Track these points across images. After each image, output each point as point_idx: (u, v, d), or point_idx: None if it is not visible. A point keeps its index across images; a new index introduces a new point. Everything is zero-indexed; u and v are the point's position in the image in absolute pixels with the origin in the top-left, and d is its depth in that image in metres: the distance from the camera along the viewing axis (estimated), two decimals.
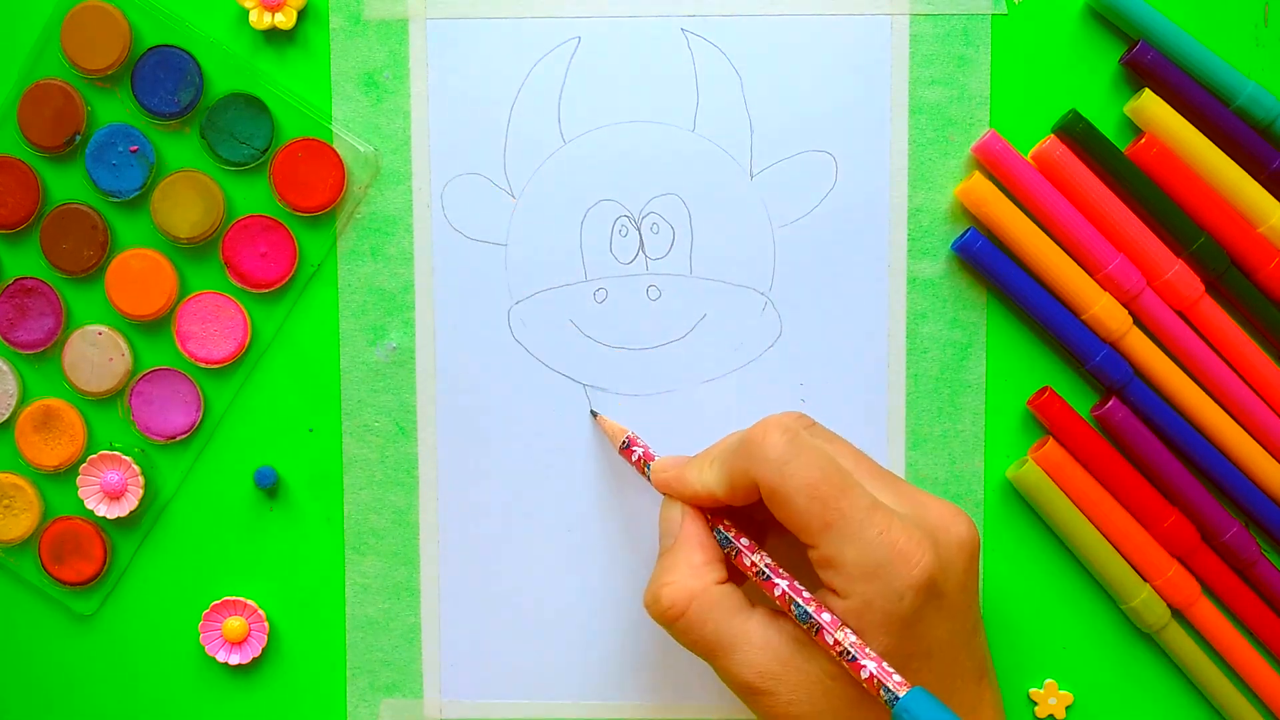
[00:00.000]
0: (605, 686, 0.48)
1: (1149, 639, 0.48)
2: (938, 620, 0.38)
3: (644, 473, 0.44)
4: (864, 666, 0.37)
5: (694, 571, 0.40)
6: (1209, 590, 0.47)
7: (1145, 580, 0.46)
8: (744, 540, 0.41)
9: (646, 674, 0.48)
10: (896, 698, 0.36)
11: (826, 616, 0.38)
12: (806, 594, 0.39)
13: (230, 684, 0.49)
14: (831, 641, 0.37)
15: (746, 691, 0.39)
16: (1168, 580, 0.46)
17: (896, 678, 0.36)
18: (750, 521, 0.43)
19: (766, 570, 0.40)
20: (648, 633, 0.48)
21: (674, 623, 0.40)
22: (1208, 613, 0.47)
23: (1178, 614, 0.47)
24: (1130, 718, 0.48)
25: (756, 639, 0.39)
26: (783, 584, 0.39)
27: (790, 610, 0.39)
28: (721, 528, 0.42)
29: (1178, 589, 0.46)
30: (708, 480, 0.41)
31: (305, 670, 0.48)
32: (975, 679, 0.40)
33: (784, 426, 0.39)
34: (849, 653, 0.37)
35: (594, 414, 0.47)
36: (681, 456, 0.43)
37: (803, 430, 0.40)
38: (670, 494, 0.43)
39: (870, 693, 0.37)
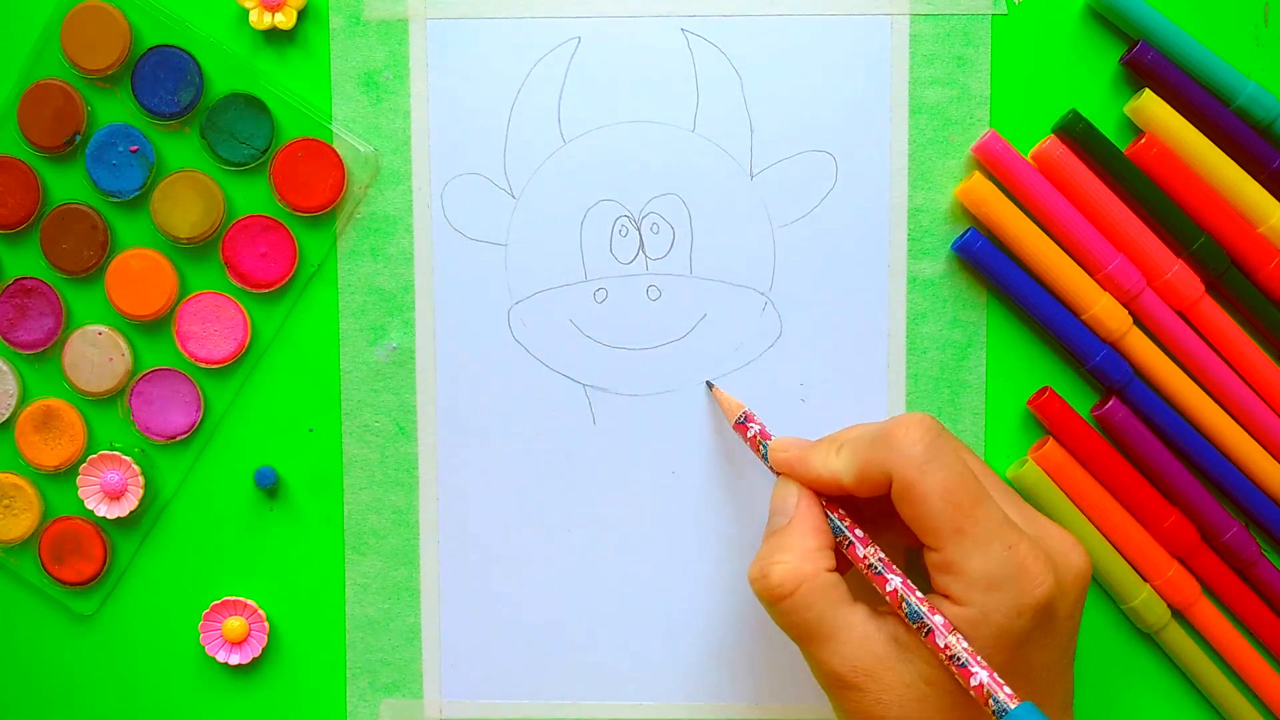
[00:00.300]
0: (605, 687, 0.48)
1: (1149, 639, 0.48)
2: (1045, 644, 0.38)
3: (758, 450, 0.43)
4: (975, 674, 0.36)
5: (806, 555, 0.39)
6: (1209, 590, 0.47)
7: (1145, 580, 0.46)
8: (858, 532, 0.41)
9: (647, 674, 0.48)
10: (1006, 709, 0.36)
11: (939, 619, 0.37)
12: (919, 594, 0.38)
13: (230, 684, 0.49)
14: (942, 644, 0.37)
15: (835, 684, 0.39)
16: (1168, 580, 0.46)
17: (1007, 690, 0.36)
18: (857, 515, 0.43)
19: (879, 565, 0.39)
20: (648, 633, 0.48)
21: (779, 602, 0.39)
22: (1208, 613, 0.47)
23: (1178, 614, 0.47)
24: (1130, 718, 0.48)
25: (856, 633, 0.39)
26: (895, 580, 0.39)
27: (900, 608, 0.38)
28: (836, 516, 0.41)
29: (1178, 589, 0.46)
30: (834, 466, 0.40)
31: (305, 670, 0.48)
32: (1063, 710, 0.40)
33: (925, 425, 0.39)
34: (960, 658, 0.37)
35: (710, 385, 0.46)
36: (802, 439, 0.43)
37: (941, 433, 0.39)
38: (789, 475, 0.42)
39: (976, 700, 0.37)
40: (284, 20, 0.46)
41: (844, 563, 0.41)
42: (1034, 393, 0.47)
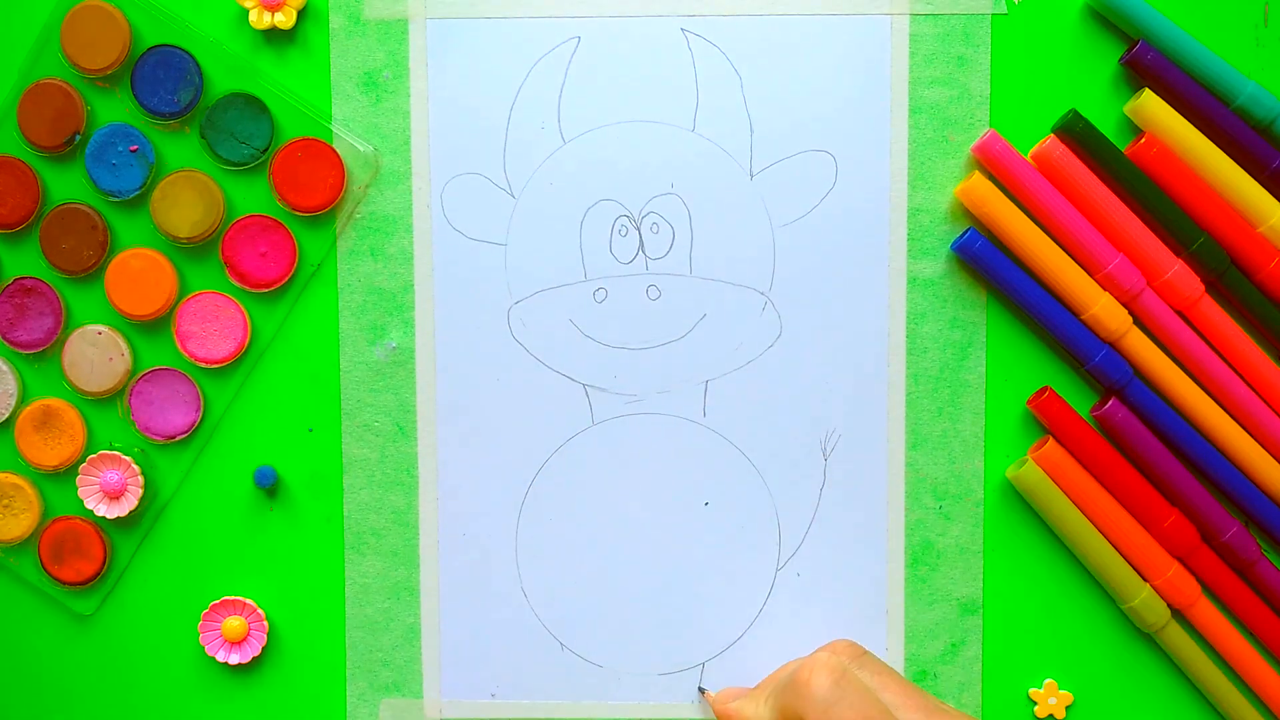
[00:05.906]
0: (604, 687, 0.48)
1: (1149, 639, 0.48)
2: None
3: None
4: None
5: None
6: (1209, 590, 0.47)
7: (1145, 580, 0.46)
8: None
9: (645, 674, 0.48)
10: None
11: None
12: None
13: (230, 684, 0.49)
14: None
15: None
16: (1168, 580, 0.46)
17: None
18: None
19: None
20: (648, 632, 0.48)
21: None
22: (1208, 613, 0.47)
23: (1178, 614, 0.47)
24: (1130, 718, 0.48)
25: None
26: None
27: None
28: None
29: (1178, 589, 0.46)
30: (762, 715, 0.43)
31: (305, 670, 0.48)
32: None
33: (830, 666, 0.40)
34: None
35: (701, 691, 0.48)
36: (743, 688, 0.46)
37: (850, 666, 0.40)
38: None
39: None
40: (284, 20, 0.46)
41: None
42: (1034, 393, 0.47)
